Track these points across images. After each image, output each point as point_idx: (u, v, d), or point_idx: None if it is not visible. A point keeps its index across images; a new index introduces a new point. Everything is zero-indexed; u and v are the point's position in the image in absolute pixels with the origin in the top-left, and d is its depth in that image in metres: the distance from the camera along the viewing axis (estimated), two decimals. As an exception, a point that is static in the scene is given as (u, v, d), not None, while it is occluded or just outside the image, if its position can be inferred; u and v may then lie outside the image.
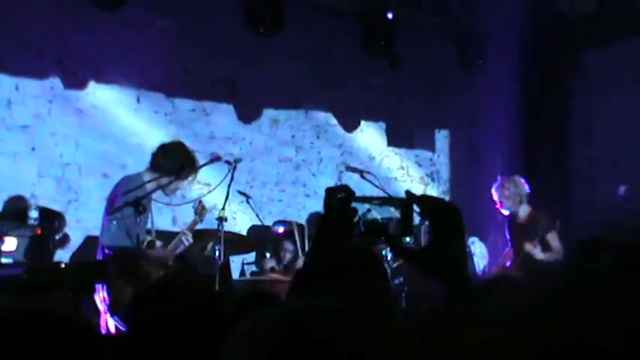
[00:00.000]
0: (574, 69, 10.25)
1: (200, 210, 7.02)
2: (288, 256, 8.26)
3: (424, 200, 1.90)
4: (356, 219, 1.85)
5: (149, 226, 6.88)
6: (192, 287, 2.38)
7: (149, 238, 6.80)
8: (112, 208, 6.48)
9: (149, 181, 6.58)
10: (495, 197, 7.86)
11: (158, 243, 6.93)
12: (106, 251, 6.58)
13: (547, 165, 9.98)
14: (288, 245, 8.28)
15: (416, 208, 1.92)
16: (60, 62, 8.14)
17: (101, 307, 6.26)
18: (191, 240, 6.91)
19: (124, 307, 6.15)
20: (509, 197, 7.81)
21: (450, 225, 1.85)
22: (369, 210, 1.90)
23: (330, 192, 1.87)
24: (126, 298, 6.28)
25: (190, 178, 6.92)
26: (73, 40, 8.09)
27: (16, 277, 6.36)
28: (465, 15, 9.77)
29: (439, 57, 10.19)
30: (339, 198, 1.86)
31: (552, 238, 7.54)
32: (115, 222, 6.50)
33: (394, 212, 1.92)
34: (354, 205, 1.88)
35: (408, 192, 1.90)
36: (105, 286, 6.25)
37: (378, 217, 1.91)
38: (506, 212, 7.88)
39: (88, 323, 1.49)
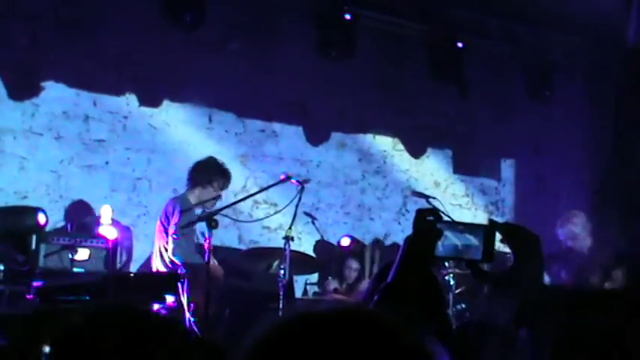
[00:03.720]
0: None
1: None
2: (352, 275, 8.27)
3: (507, 227, 1.99)
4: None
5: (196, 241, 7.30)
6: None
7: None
8: (175, 226, 6.78)
9: (196, 204, 7.10)
10: (563, 232, 7.89)
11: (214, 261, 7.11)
12: (177, 264, 6.81)
13: (614, 200, 9.87)
14: (353, 263, 8.30)
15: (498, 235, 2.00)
16: (136, 80, 8.37)
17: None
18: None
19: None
20: (576, 232, 7.84)
21: (530, 252, 1.94)
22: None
23: (421, 213, 1.96)
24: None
25: (225, 188, 7.35)
26: (150, 60, 8.30)
27: (87, 286, 6.57)
28: (533, 45, 9.77)
29: (507, 86, 10.20)
30: (427, 220, 1.94)
31: (618, 275, 7.49)
32: (184, 238, 6.78)
33: (471, 239, 2.00)
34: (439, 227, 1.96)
35: (491, 220, 2.00)
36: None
37: (458, 242, 2.00)
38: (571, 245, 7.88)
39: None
